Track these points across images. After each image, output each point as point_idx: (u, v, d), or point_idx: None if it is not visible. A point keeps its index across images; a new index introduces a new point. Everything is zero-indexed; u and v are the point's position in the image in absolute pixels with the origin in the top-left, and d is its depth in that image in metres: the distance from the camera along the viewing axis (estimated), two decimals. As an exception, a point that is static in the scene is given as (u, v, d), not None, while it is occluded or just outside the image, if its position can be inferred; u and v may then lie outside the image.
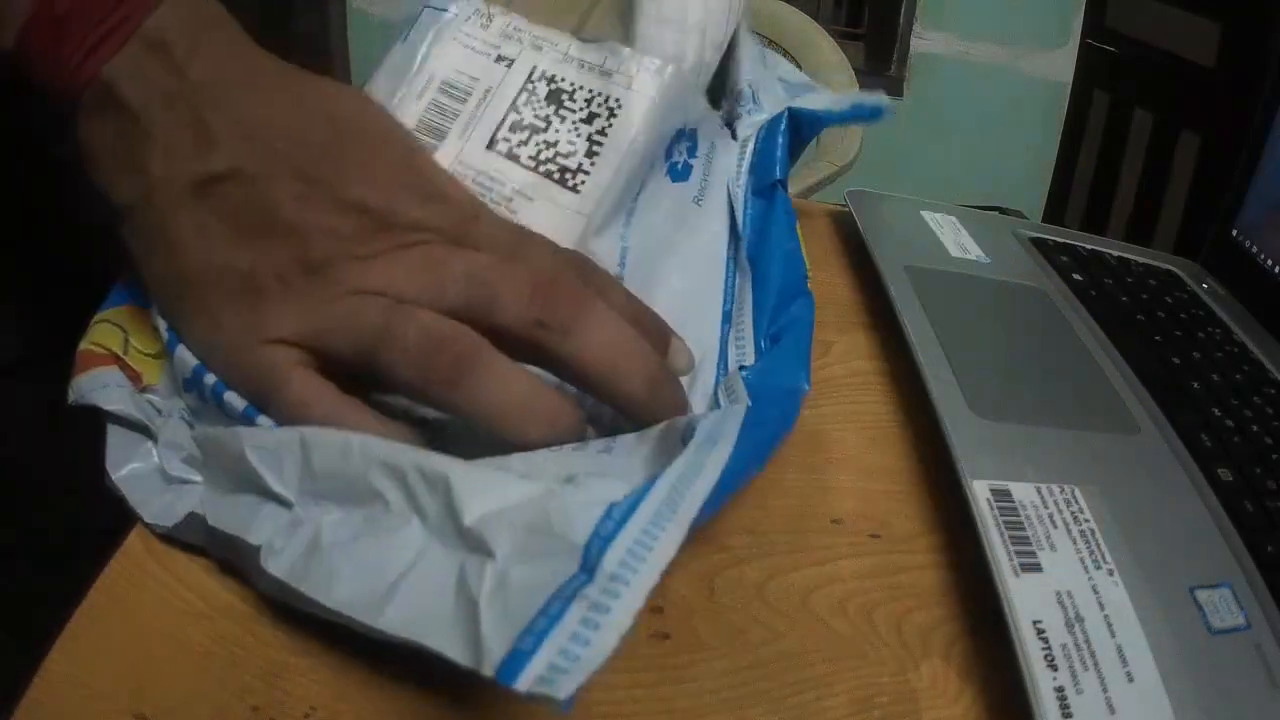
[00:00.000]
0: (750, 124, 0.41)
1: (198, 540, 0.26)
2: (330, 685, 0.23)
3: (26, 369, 0.39)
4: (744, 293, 0.36)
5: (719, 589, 0.28)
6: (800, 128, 0.41)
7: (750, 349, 0.34)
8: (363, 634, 0.22)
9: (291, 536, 0.24)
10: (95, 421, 0.27)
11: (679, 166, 0.38)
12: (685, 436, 0.25)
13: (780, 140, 0.40)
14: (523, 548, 0.21)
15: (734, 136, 0.41)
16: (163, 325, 0.29)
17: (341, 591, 0.22)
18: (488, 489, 0.23)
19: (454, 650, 0.20)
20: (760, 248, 0.37)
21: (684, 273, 0.36)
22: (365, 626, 0.22)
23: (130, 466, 0.27)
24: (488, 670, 0.19)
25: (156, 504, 0.26)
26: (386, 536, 0.23)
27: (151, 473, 0.27)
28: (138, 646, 0.24)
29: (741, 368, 0.33)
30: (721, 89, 0.42)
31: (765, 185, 0.39)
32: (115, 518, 0.27)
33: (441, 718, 0.23)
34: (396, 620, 0.21)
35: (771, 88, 0.43)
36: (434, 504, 0.23)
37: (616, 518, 0.21)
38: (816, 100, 0.42)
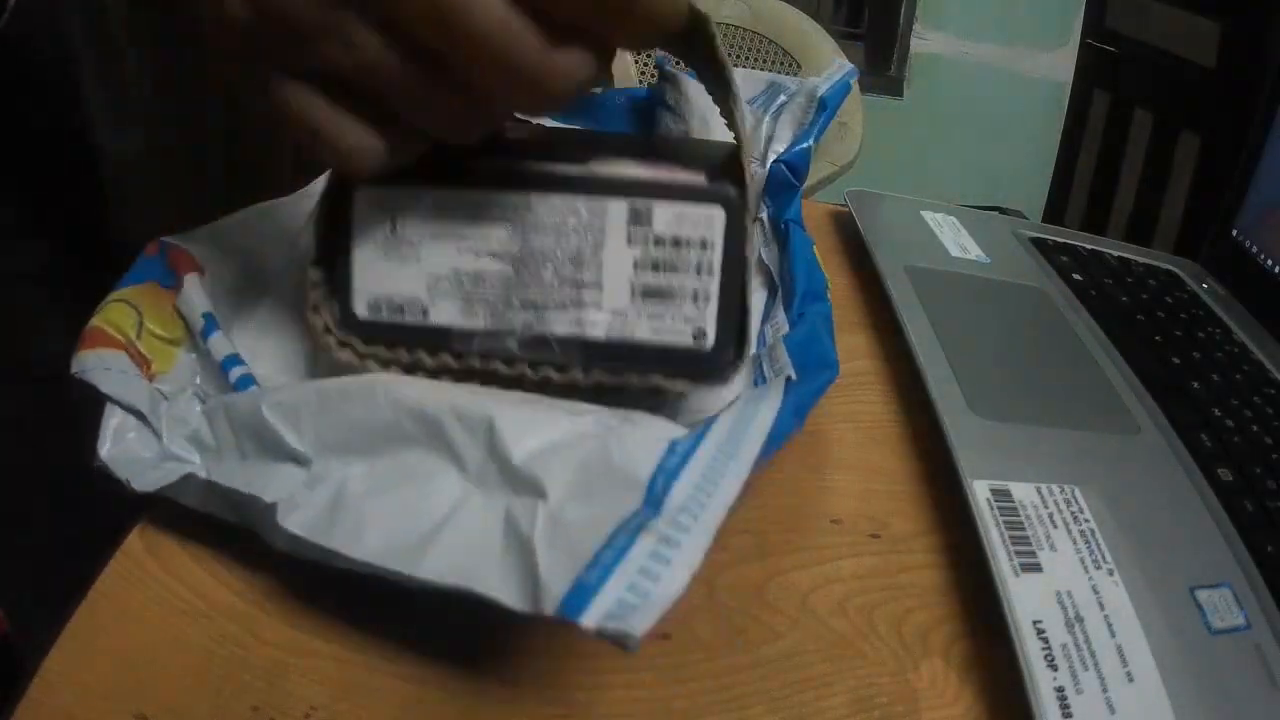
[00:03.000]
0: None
1: (192, 502, 0.25)
2: (330, 685, 0.23)
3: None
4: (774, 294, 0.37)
5: (719, 589, 0.28)
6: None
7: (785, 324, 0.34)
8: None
9: (311, 492, 0.22)
10: (96, 421, 0.27)
11: None
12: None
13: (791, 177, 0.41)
14: (578, 485, 0.20)
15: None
16: (198, 311, 0.27)
17: (372, 541, 0.20)
18: (536, 426, 0.21)
19: (506, 593, 0.18)
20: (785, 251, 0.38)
21: None
22: (400, 577, 0.20)
23: (121, 445, 0.26)
24: (548, 608, 0.17)
25: (148, 476, 0.25)
26: (420, 486, 0.22)
27: (144, 451, 0.26)
28: (138, 646, 0.24)
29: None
30: None
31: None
32: (115, 518, 0.26)
33: (441, 717, 0.23)
34: (437, 567, 0.19)
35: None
36: (475, 449, 0.22)
37: (680, 453, 0.20)
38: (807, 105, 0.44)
